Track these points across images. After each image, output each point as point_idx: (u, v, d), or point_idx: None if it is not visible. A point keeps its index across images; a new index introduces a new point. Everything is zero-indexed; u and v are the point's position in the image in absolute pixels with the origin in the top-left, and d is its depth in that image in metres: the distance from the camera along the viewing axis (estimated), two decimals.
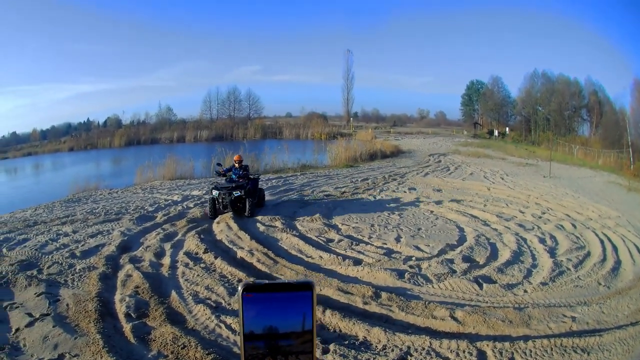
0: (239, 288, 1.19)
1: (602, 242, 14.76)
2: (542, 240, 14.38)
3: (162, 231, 13.73)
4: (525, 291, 10.49)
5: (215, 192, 15.57)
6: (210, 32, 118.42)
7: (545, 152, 41.48)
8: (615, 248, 14.34)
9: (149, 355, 6.91)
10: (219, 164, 18.21)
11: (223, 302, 9.00)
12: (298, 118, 74.61)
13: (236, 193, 15.51)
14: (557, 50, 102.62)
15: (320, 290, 9.42)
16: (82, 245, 12.49)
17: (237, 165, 16.87)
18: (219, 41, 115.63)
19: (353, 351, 7.19)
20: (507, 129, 69.32)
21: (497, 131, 66.67)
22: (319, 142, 41.65)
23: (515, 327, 8.60)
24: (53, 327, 7.73)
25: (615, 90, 74.86)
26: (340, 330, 8.00)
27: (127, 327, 7.78)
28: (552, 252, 13.40)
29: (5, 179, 44.02)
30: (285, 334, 1.19)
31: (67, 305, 8.69)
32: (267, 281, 1.19)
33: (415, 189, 21.38)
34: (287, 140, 43.23)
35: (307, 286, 1.19)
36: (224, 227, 13.96)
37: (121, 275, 10.30)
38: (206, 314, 8.37)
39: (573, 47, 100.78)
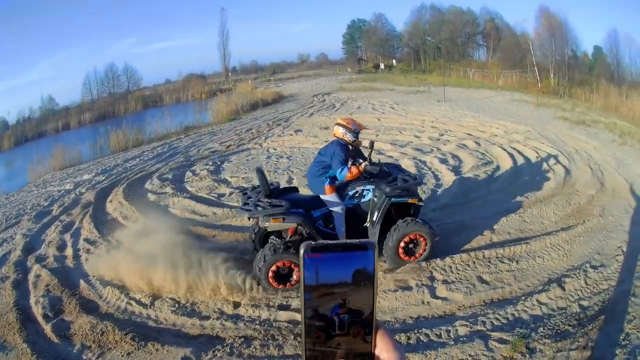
0: (300, 249, 1.09)
1: (511, 155, 15.27)
2: (443, 161, 14.73)
3: (59, 223, 13.15)
4: (434, 210, 10.80)
5: None
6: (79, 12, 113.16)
7: (437, 78, 42.54)
8: (528, 160, 14.87)
9: (74, 351, 6.90)
10: None
11: None
12: (177, 82, 74.40)
13: None
14: None
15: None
16: None
17: None
18: (90, 19, 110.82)
19: None
20: (394, 61, 70.59)
21: (383, 64, 67.37)
22: (200, 102, 41.20)
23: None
24: None
25: (515, 18, 78.73)
26: None
27: (47, 328, 7.63)
28: (456, 171, 13.74)
29: None
30: (346, 293, 1.12)
31: None
32: (328, 241, 1.10)
33: (301, 131, 21.37)
34: (169, 106, 42.46)
35: (369, 246, 1.11)
36: (117, 205, 13.46)
37: (31, 277, 9.92)
38: (115, 295, 8.24)
39: None
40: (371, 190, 8.27)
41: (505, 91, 37.22)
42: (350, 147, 8.35)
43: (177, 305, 7.26)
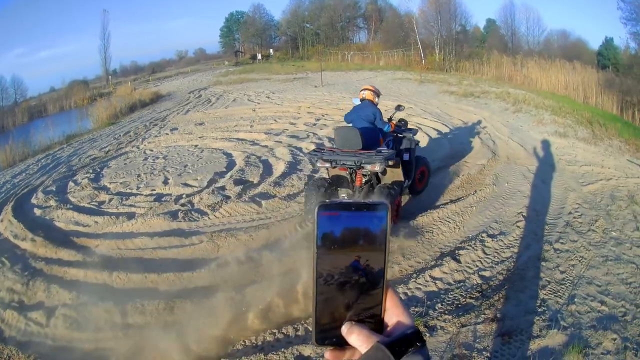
0: (315, 207, 1.09)
1: None
2: (320, 145, 14.87)
3: None
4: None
5: None
6: None
7: (315, 64, 42.94)
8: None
9: None
10: None
11: (25, 298, 8.33)
12: (61, 90, 72.16)
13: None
14: None
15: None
16: None
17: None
18: None
19: None
20: (271, 50, 70.69)
21: (259, 55, 67.50)
22: (82, 108, 40.10)
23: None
24: None
25: None
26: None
27: None
28: None
29: None
30: (358, 252, 1.11)
31: None
32: (342, 200, 1.12)
33: (177, 129, 21.16)
34: (53, 115, 41.00)
35: (382, 206, 1.11)
36: (7, 224, 12.51)
37: None
38: (14, 317, 7.77)
39: None
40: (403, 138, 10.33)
41: (386, 71, 38.02)
42: None
43: (69, 322, 7.01)
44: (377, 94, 10.11)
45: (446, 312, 6.39)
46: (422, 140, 14.39)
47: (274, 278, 7.35)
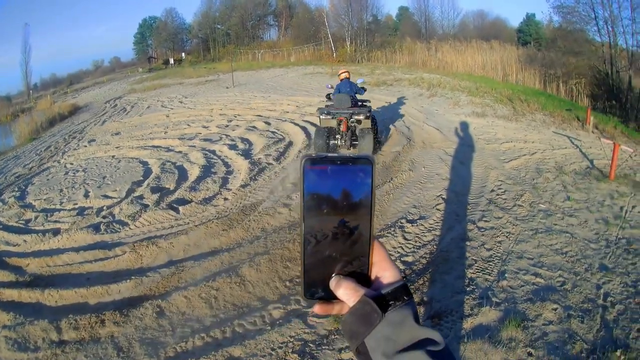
0: (301, 160, 1.10)
1: (304, 129, 16.04)
2: (233, 147, 15.15)
3: None
4: (226, 199, 11.06)
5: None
6: None
7: (227, 65, 42.94)
8: None
9: None
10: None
11: None
12: None
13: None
14: None
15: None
16: None
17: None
18: None
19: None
20: (183, 54, 69.97)
21: (172, 59, 66.70)
22: (5, 125, 38.85)
23: (226, 234, 9.16)
24: None
25: None
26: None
27: None
28: (247, 154, 14.20)
29: None
30: (345, 205, 1.12)
31: None
32: (328, 154, 1.13)
33: (94, 140, 20.79)
34: None
35: (367, 160, 1.12)
36: None
37: None
38: None
39: None
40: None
41: (297, 67, 38.09)
42: None
43: (11, 342, 6.91)
44: (350, 73, 14.03)
45: None
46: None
47: (198, 282, 7.45)
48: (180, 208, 10.70)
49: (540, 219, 8.49)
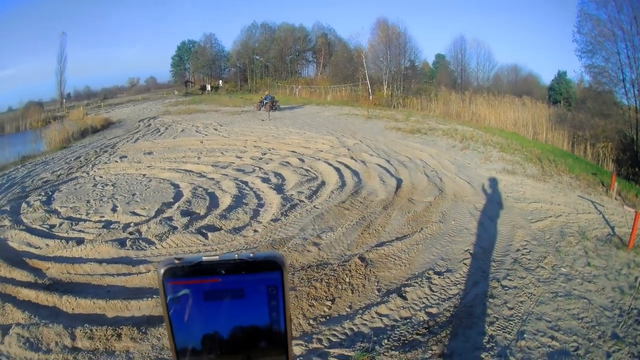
0: (159, 272, 0.89)
1: (337, 170, 15.87)
2: (265, 180, 15.19)
3: None
4: (256, 231, 10.97)
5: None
6: None
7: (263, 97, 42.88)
8: (355, 173, 15.45)
9: None
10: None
11: None
12: (18, 110, 70.49)
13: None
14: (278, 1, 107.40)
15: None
16: None
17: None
18: None
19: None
20: (220, 82, 70.56)
21: (209, 86, 67.13)
22: (37, 130, 39.30)
23: None
24: None
25: (351, 31, 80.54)
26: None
27: None
28: (279, 189, 14.17)
29: None
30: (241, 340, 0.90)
31: None
32: (202, 257, 0.90)
33: (126, 157, 21.00)
34: (9, 135, 40.11)
35: (271, 264, 0.89)
36: None
37: None
38: None
39: None
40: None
41: (333, 106, 38.18)
42: None
43: (22, 340, 6.92)
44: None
45: (393, 347, 6.31)
46: (369, 177, 14.89)
47: None
48: (209, 234, 10.69)
49: (560, 282, 8.39)
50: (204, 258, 0.88)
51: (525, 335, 6.67)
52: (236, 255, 0.88)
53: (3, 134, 42.43)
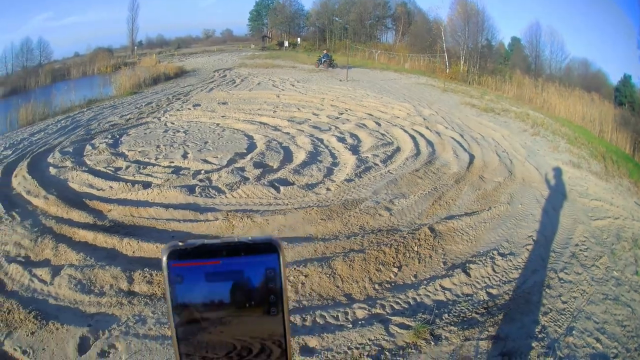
0: (163, 256, 0.87)
1: (413, 137, 15.49)
2: (341, 139, 14.96)
3: None
4: (329, 189, 10.80)
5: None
6: None
7: (342, 58, 42.37)
8: (430, 143, 15.08)
9: None
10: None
11: (31, 254, 8.26)
12: (85, 56, 72.07)
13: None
14: None
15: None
16: None
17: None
18: None
19: None
20: (299, 39, 70.37)
21: (287, 42, 67.04)
22: (105, 75, 40.04)
23: (324, 224, 8.94)
24: None
25: (430, 3, 79.87)
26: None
27: None
28: (354, 150, 13.90)
29: None
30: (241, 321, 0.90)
31: None
32: (204, 241, 0.89)
33: (199, 105, 21.14)
34: (75, 80, 41.14)
35: (269, 246, 0.91)
36: (21, 180, 12.53)
37: None
38: (19, 272, 7.69)
39: None
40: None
41: (411, 74, 37.79)
42: None
43: (74, 282, 6.92)
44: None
45: (452, 323, 6.30)
46: (443, 149, 14.55)
47: (288, 265, 7.21)
48: (282, 188, 10.60)
49: (611, 286, 8.13)
50: (205, 241, 0.88)
51: (574, 332, 6.62)
52: (236, 239, 0.89)
53: (69, 78, 43.42)
